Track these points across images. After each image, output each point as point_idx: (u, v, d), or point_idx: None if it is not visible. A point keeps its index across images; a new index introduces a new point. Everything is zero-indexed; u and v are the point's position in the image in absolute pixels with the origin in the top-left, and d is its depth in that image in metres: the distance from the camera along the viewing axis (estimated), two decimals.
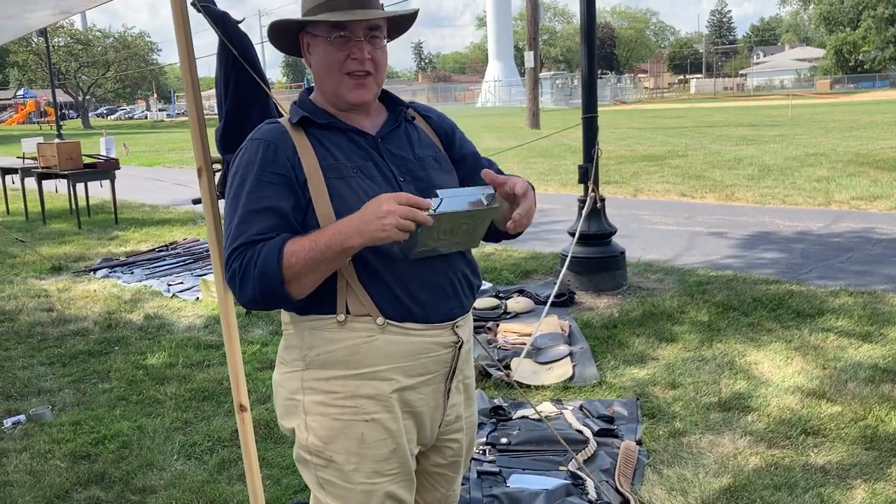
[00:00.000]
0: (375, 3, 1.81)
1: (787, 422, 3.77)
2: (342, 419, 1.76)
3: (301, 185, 1.72)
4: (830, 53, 69.84)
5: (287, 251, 1.63)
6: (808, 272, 6.66)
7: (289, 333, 1.84)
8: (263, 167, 1.72)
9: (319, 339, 1.75)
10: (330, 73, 1.79)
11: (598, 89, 7.64)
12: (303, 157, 1.74)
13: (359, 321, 1.73)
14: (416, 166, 1.85)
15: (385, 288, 1.72)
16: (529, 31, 30.18)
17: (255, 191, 1.71)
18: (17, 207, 12.36)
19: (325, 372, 1.76)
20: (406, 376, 1.77)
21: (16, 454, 3.81)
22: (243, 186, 1.72)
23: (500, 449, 3.63)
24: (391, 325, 1.73)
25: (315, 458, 1.80)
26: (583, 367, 4.62)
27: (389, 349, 1.74)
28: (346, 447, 1.77)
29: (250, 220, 1.68)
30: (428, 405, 1.83)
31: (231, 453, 3.68)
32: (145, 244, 9.29)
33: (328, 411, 1.76)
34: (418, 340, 1.76)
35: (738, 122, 28.09)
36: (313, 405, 1.78)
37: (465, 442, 1.99)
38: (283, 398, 1.85)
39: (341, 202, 1.70)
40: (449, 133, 2.01)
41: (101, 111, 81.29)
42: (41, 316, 6.31)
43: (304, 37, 1.83)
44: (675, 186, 12.15)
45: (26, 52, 51.97)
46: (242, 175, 1.74)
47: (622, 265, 6.40)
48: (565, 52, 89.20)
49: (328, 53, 1.78)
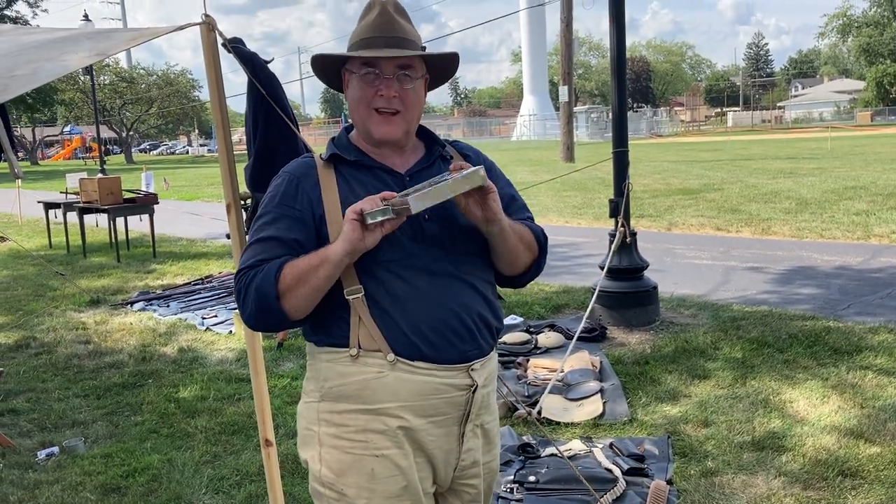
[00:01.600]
0: (412, 44, 1.83)
1: (824, 462, 3.68)
2: (353, 453, 1.77)
3: (318, 220, 1.78)
4: (871, 85, 68.99)
5: (284, 269, 1.71)
6: (845, 308, 6.53)
7: (308, 364, 1.88)
8: (283, 200, 1.81)
9: (333, 371, 1.78)
10: (359, 107, 1.84)
11: (634, 122, 7.65)
12: (325, 192, 1.79)
13: (370, 356, 1.74)
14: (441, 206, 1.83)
15: (395, 325, 1.74)
16: (564, 66, 30.32)
17: (270, 222, 1.80)
18: (60, 241, 12.64)
19: (338, 405, 1.78)
20: (415, 415, 1.76)
21: (48, 486, 3.86)
22: (261, 217, 1.82)
23: (527, 487, 3.59)
24: (401, 363, 1.74)
25: (328, 491, 1.80)
26: (613, 404, 4.56)
27: (399, 386, 1.74)
28: (357, 481, 1.77)
29: (257, 246, 1.77)
30: (440, 447, 1.82)
31: (258, 488, 3.69)
32: (182, 277, 9.43)
33: (341, 444, 1.78)
34: (428, 380, 1.76)
35: (775, 154, 27.80)
36: (327, 437, 1.80)
37: (484, 487, 1.96)
38: (303, 428, 1.88)
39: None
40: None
41: (144, 146, 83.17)
42: (78, 348, 6.43)
43: (345, 73, 1.89)
44: (711, 220, 12.03)
45: (73, 90, 53.52)
46: (265, 207, 1.84)
47: (655, 300, 6.33)
48: (600, 85, 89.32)
49: (359, 89, 1.83)
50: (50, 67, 2.16)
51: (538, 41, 71.01)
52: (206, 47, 2.36)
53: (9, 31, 2.83)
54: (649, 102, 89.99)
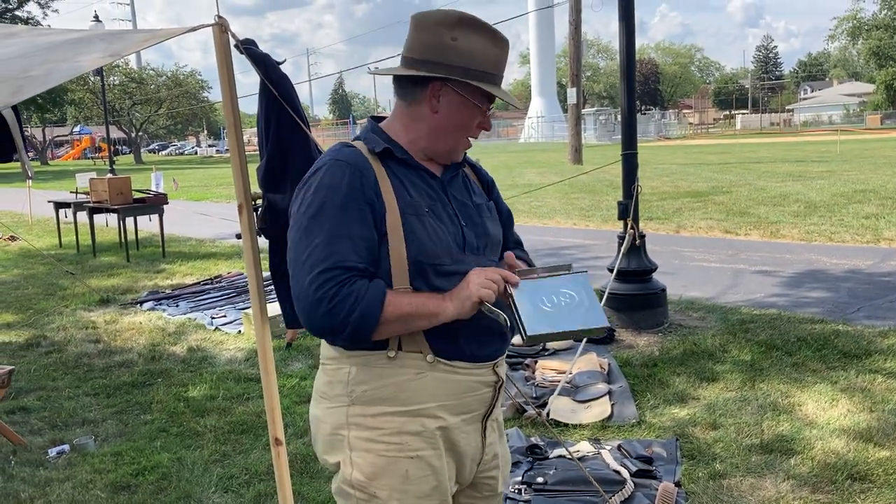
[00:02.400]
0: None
1: (833, 466, 3.67)
2: (388, 455, 1.77)
3: (380, 217, 1.72)
4: (881, 88, 68.68)
5: (387, 300, 1.67)
6: (855, 311, 6.51)
7: (332, 368, 1.83)
8: (351, 193, 1.71)
9: (369, 374, 1.77)
10: (456, 131, 1.83)
11: (643, 125, 7.65)
12: (383, 188, 1.75)
13: (409, 357, 1.75)
14: (474, 212, 1.89)
15: (440, 326, 1.74)
16: (572, 68, 30.29)
17: (342, 214, 1.69)
18: (70, 241, 12.70)
19: (372, 408, 1.78)
20: (451, 414, 1.80)
21: (58, 483, 3.89)
22: (326, 208, 1.70)
23: (535, 489, 3.59)
24: (440, 363, 1.77)
25: (358, 493, 1.80)
26: (622, 406, 4.56)
27: (437, 386, 1.77)
28: (390, 483, 1.78)
29: (338, 245, 1.68)
30: (470, 444, 1.87)
31: (267, 487, 3.71)
32: (191, 277, 9.47)
33: (374, 447, 1.78)
34: (465, 379, 1.80)
35: (784, 157, 27.72)
36: (359, 441, 1.79)
37: (502, 478, 2.02)
38: (327, 433, 1.84)
39: (414, 240, 1.73)
40: (490, 186, 2.06)
41: (154, 147, 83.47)
42: (88, 347, 6.46)
43: (441, 86, 1.79)
44: (719, 223, 12.01)
45: (83, 91, 53.75)
46: (325, 197, 1.71)
47: (663, 302, 6.33)
48: (609, 88, 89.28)
49: (465, 116, 1.81)
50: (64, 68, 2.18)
51: (547, 43, 70.97)
52: (218, 48, 2.38)
53: (22, 32, 2.85)
54: (658, 105, 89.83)
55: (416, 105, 1.81)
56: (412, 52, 1.79)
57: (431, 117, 1.80)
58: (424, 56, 1.77)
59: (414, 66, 1.78)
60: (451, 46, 1.75)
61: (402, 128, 1.84)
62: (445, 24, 1.76)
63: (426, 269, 1.74)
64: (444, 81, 1.77)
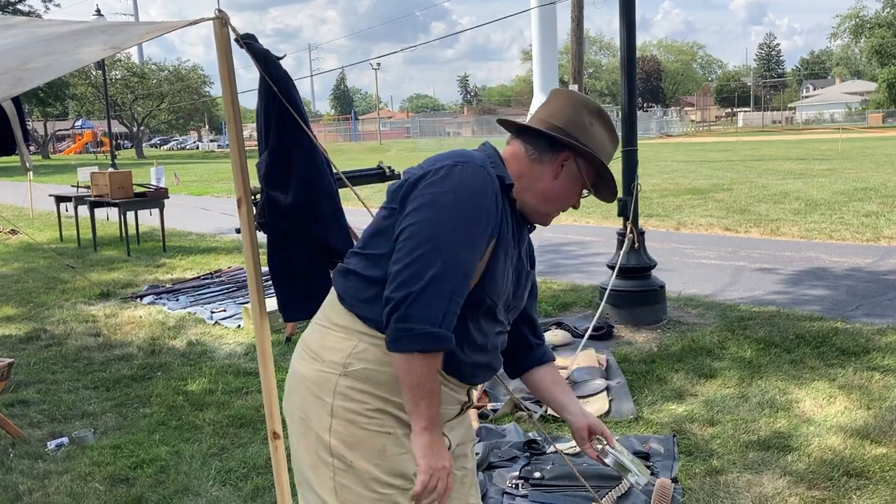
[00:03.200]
0: None
1: (829, 463, 3.68)
2: (368, 429, 1.81)
3: (491, 238, 1.78)
4: (883, 87, 68.59)
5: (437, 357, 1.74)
6: (854, 309, 6.52)
7: (339, 336, 1.85)
8: (489, 208, 1.75)
9: (375, 355, 1.81)
10: (558, 202, 1.92)
11: (644, 122, 7.65)
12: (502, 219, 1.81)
13: None
14: (523, 276, 1.99)
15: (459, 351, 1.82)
16: (574, 65, 30.26)
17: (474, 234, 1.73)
18: (70, 234, 12.72)
19: (361, 384, 1.82)
20: None
21: (57, 476, 3.90)
22: (469, 222, 1.73)
23: (533, 483, 3.61)
24: (441, 375, 1.83)
25: (336, 461, 1.83)
26: (619, 402, 4.57)
27: None
28: (366, 456, 1.82)
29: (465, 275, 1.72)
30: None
31: (265, 480, 3.72)
32: (191, 272, 9.48)
33: (356, 419, 1.81)
34: (448, 393, 1.89)
35: (785, 155, 27.70)
36: (342, 410, 1.82)
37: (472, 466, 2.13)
38: (310, 393, 1.86)
39: (491, 273, 1.79)
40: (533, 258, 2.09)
41: (155, 141, 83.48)
42: (88, 341, 6.47)
43: (570, 157, 1.89)
44: (719, 220, 12.01)
45: (84, 85, 53.75)
46: (466, 213, 1.72)
47: (662, 299, 6.34)
48: (611, 85, 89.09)
49: (573, 192, 1.93)
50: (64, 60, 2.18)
51: (549, 40, 70.73)
52: (218, 43, 2.38)
53: (23, 23, 2.85)
54: (659, 102, 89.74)
55: (540, 164, 1.89)
56: (554, 119, 1.89)
57: (550, 181, 1.89)
58: (566, 127, 1.88)
59: (554, 130, 1.88)
60: (589, 129, 1.89)
61: (518, 175, 1.89)
62: (588, 108, 1.91)
63: (482, 301, 1.81)
64: (576, 155, 1.88)
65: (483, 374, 1.95)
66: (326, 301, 1.95)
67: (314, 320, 1.96)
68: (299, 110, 2.63)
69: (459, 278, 1.70)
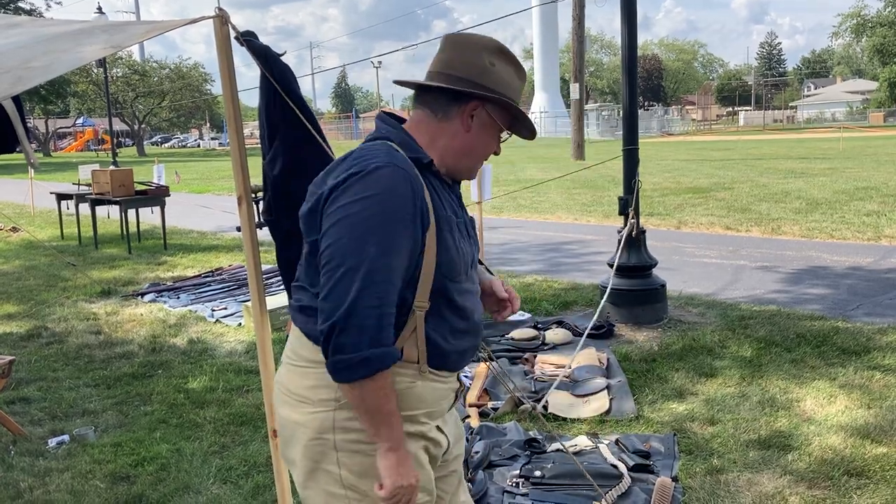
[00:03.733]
0: None
1: (830, 462, 3.68)
2: (374, 455, 1.76)
3: (424, 230, 1.70)
4: (884, 86, 68.50)
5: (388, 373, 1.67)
6: (855, 308, 6.52)
7: (318, 372, 1.76)
8: (404, 206, 1.66)
9: None
10: (478, 154, 1.87)
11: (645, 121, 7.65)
12: (429, 202, 1.73)
13: (404, 367, 1.76)
14: (471, 229, 1.94)
15: (442, 342, 1.80)
16: (575, 64, 30.27)
17: (393, 237, 1.65)
18: (72, 232, 12.72)
19: None
20: (430, 419, 1.86)
21: (58, 473, 3.90)
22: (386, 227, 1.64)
23: (533, 482, 3.61)
24: (431, 372, 1.81)
25: (350, 492, 1.80)
26: (620, 401, 4.58)
27: (425, 394, 1.81)
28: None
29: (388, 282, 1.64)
30: (440, 447, 1.92)
31: (266, 478, 3.72)
32: (192, 270, 9.48)
33: (361, 448, 1.77)
34: (442, 387, 1.86)
35: (786, 154, 27.69)
36: (345, 443, 1.78)
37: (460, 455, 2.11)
38: (309, 438, 1.80)
39: (445, 255, 1.75)
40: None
41: (156, 139, 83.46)
42: (89, 338, 6.48)
43: (478, 105, 1.81)
44: (720, 219, 12.00)
45: (86, 83, 53.72)
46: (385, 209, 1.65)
47: (663, 298, 6.33)
48: (612, 83, 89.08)
49: (491, 139, 1.87)
50: (66, 59, 2.18)
51: (550, 38, 70.84)
52: (218, 41, 2.38)
53: (26, 22, 2.85)
54: (661, 101, 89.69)
55: (448, 122, 1.82)
56: (451, 69, 1.80)
57: (464, 136, 1.82)
58: (466, 75, 1.79)
59: (454, 83, 1.79)
60: (491, 71, 1.79)
61: (430, 141, 1.82)
62: (487, 48, 1.81)
63: (447, 286, 1.77)
64: (482, 102, 1.81)
65: (470, 356, 1.92)
66: (292, 339, 1.88)
67: (285, 360, 1.89)
68: (302, 105, 2.62)
69: (385, 285, 1.63)
